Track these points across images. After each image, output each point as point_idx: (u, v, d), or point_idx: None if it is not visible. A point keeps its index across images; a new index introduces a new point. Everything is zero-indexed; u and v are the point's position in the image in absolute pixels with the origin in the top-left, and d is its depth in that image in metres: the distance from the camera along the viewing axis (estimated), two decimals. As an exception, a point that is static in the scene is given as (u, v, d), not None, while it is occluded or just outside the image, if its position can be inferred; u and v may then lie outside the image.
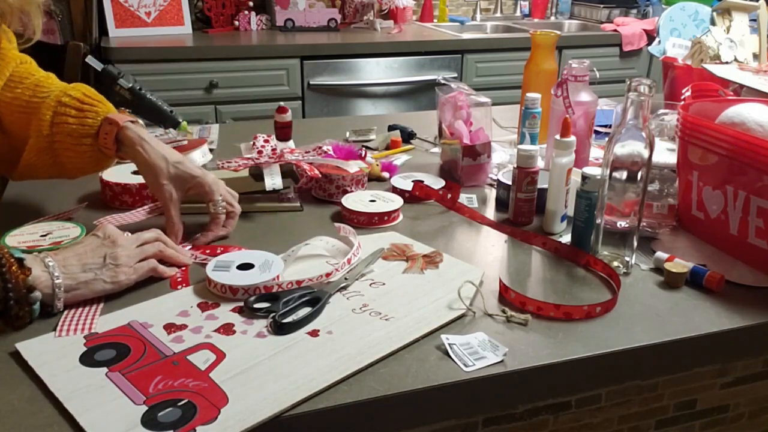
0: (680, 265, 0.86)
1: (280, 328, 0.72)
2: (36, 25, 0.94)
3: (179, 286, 0.82)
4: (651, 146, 0.83)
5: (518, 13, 3.38)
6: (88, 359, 0.67)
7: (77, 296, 0.76)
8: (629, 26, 2.96)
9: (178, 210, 0.93)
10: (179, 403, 0.61)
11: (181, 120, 1.28)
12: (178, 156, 0.93)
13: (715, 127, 0.92)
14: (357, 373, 0.66)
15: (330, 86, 2.56)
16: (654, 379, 0.82)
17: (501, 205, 1.09)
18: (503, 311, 0.78)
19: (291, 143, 1.31)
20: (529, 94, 1.24)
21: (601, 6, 3.19)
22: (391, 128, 1.47)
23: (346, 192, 1.09)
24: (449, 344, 0.71)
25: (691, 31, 1.78)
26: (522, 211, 1.02)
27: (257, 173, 1.06)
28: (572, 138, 0.98)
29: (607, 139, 0.87)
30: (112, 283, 0.78)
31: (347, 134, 1.44)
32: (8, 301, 0.69)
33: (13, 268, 0.70)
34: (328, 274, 0.83)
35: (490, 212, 1.08)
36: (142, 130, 0.93)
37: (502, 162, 1.26)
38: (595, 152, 1.26)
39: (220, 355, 0.68)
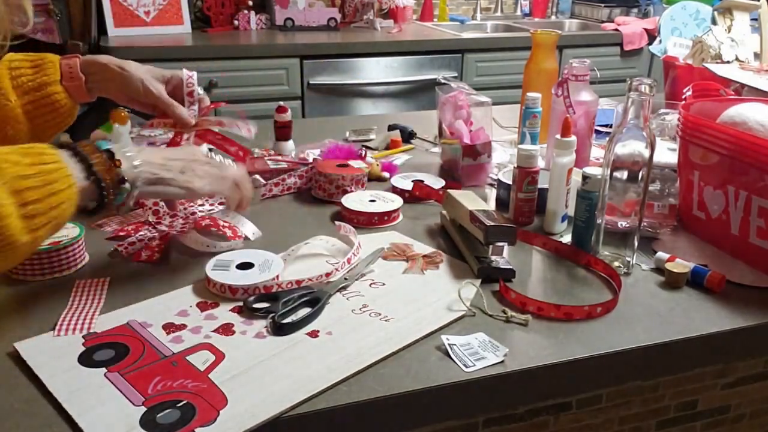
0: (681, 266, 0.86)
1: (279, 329, 0.72)
2: (29, 12, 0.91)
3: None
4: (652, 146, 0.83)
5: (519, 13, 3.38)
6: (86, 359, 0.67)
7: (151, 193, 0.77)
8: (630, 25, 2.95)
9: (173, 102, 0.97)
10: (178, 405, 0.60)
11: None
12: (144, 66, 0.97)
13: (717, 126, 0.92)
14: (357, 374, 0.66)
15: (330, 86, 2.56)
16: (655, 379, 0.82)
17: (501, 204, 1.09)
18: (503, 312, 0.77)
19: (291, 143, 1.31)
20: (529, 94, 1.24)
21: (602, 5, 3.19)
22: (391, 128, 1.46)
23: (346, 192, 1.08)
24: (449, 345, 0.71)
25: (692, 31, 1.78)
26: (522, 211, 1.01)
27: None
28: (573, 138, 0.97)
29: (607, 138, 0.86)
30: (186, 188, 0.78)
31: (347, 134, 1.44)
32: (104, 197, 0.71)
33: (101, 161, 0.71)
34: (327, 274, 0.82)
35: (491, 212, 1.08)
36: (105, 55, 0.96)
37: (502, 162, 1.26)
38: (596, 152, 1.26)
39: (220, 356, 0.68)
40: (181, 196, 0.80)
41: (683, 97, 1.14)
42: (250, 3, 2.77)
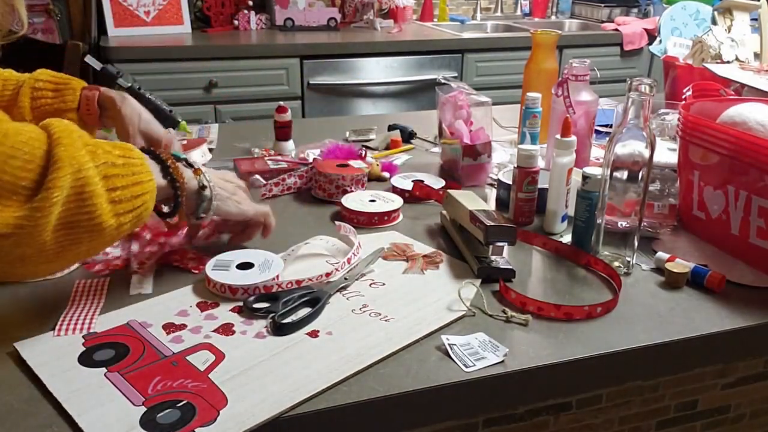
0: (681, 266, 0.86)
1: (279, 329, 0.72)
2: (22, 14, 0.92)
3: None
4: (652, 146, 0.83)
5: (519, 13, 3.38)
6: (86, 359, 0.67)
7: (219, 209, 0.84)
8: (630, 25, 2.95)
9: None
10: (178, 405, 0.60)
11: (180, 120, 1.28)
12: (149, 115, 1.01)
13: (717, 126, 0.92)
14: (357, 374, 0.66)
15: (330, 86, 2.56)
16: (655, 379, 0.82)
17: (501, 204, 1.09)
18: (503, 312, 0.77)
19: (291, 143, 1.31)
20: (529, 94, 1.24)
21: (602, 5, 3.19)
22: (391, 128, 1.46)
23: (346, 192, 1.08)
24: (449, 345, 0.71)
25: (692, 31, 1.78)
26: (522, 211, 1.01)
27: None
28: (573, 138, 0.97)
29: (607, 138, 0.86)
30: (239, 210, 0.86)
31: (347, 134, 1.44)
32: (177, 198, 0.77)
33: (176, 166, 0.77)
34: (327, 274, 0.82)
35: (491, 212, 1.08)
36: (120, 92, 1.01)
37: (502, 162, 1.26)
38: (596, 152, 1.26)
39: (220, 356, 0.68)
40: (234, 217, 0.87)
41: (683, 97, 1.14)
42: (250, 3, 2.77)
